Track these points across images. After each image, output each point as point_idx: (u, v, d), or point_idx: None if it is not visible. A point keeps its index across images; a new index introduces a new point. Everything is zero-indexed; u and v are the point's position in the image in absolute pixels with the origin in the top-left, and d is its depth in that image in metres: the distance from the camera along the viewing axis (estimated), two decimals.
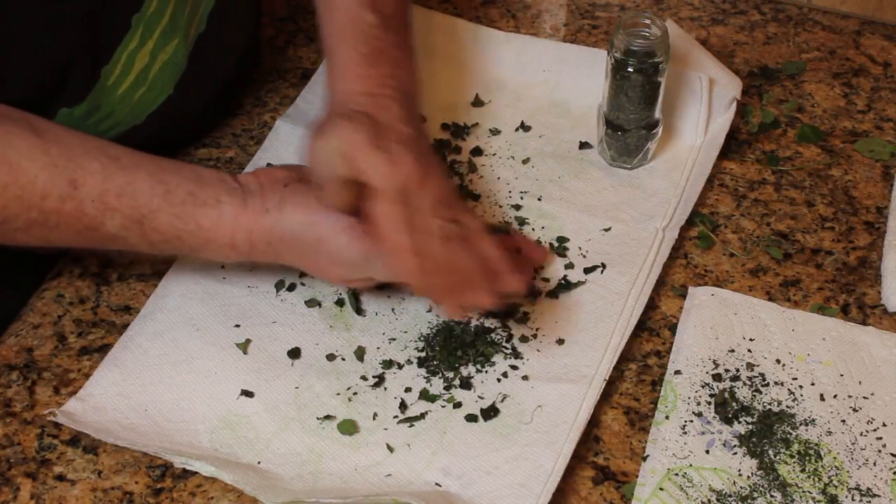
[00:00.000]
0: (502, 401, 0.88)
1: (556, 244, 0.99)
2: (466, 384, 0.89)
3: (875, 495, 0.83)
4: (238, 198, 0.86)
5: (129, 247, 0.87)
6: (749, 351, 0.92)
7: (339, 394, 0.89)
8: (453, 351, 0.91)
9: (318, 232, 0.85)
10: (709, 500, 0.82)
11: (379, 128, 0.85)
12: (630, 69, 1.00)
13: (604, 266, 0.97)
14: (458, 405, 0.88)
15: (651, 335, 0.94)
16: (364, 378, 0.90)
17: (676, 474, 0.84)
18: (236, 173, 0.90)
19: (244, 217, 0.85)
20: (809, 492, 0.83)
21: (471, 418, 0.87)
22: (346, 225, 0.85)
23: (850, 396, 0.89)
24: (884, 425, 0.87)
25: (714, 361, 0.91)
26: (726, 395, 0.89)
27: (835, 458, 0.85)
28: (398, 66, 0.92)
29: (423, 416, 0.87)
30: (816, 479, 0.84)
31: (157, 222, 0.84)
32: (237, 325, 0.93)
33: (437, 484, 0.83)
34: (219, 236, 0.86)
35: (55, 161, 0.82)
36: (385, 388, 0.89)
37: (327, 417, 0.87)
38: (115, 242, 0.86)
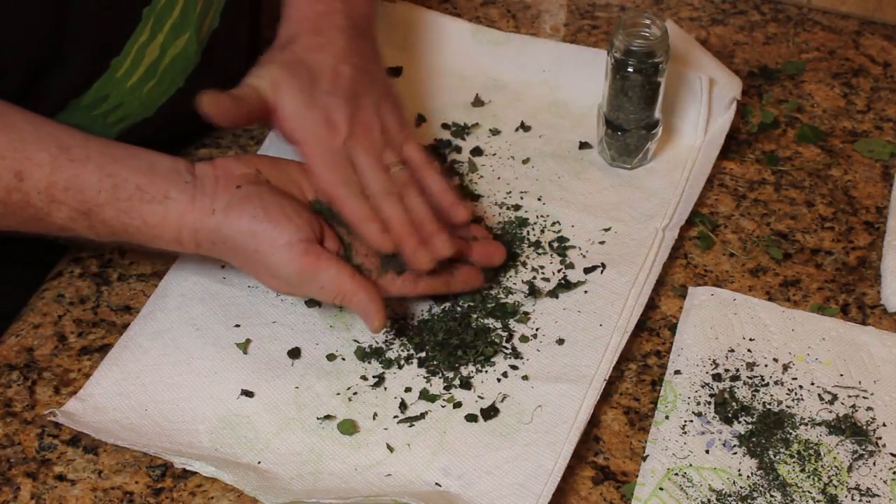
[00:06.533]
0: (502, 401, 0.88)
1: (556, 244, 0.99)
2: (466, 384, 0.89)
3: (875, 495, 0.83)
4: (187, 194, 0.85)
5: (78, 235, 0.87)
6: (749, 351, 0.92)
7: (339, 394, 0.89)
8: (453, 351, 0.91)
9: (256, 244, 0.85)
10: (709, 500, 0.82)
11: (313, 80, 0.91)
12: (630, 69, 1.00)
13: (604, 266, 0.97)
14: (458, 405, 0.88)
15: (651, 335, 0.94)
16: (364, 378, 0.90)
17: (676, 474, 0.84)
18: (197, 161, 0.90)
19: (191, 216, 0.85)
20: (809, 492, 0.83)
21: (471, 418, 0.87)
22: (286, 241, 0.85)
23: (850, 396, 0.89)
24: (884, 425, 0.87)
25: (714, 361, 0.91)
26: (726, 394, 0.89)
27: (835, 458, 0.85)
28: None
29: (423, 416, 0.87)
30: (816, 479, 0.84)
31: (103, 216, 0.84)
32: (237, 325, 0.93)
33: (437, 484, 0.83)
34: (164, 233, 0.85)
35: (2, 152, 0.82)
36: (385, 388, 0.89)
37: (327, 417, 0.87)
38: (63, 231, 0.86)
